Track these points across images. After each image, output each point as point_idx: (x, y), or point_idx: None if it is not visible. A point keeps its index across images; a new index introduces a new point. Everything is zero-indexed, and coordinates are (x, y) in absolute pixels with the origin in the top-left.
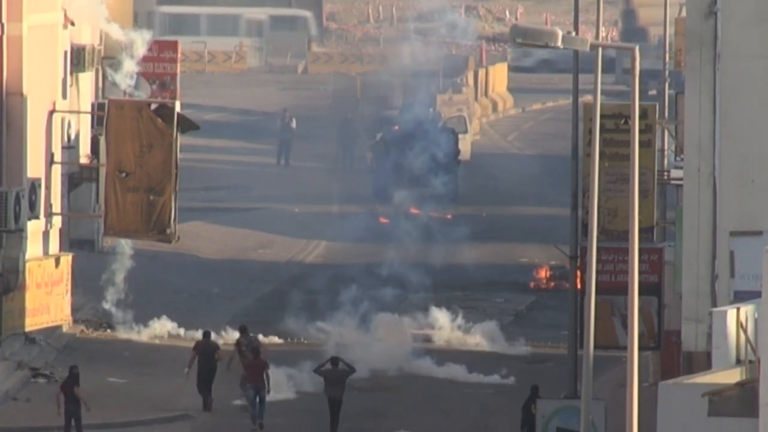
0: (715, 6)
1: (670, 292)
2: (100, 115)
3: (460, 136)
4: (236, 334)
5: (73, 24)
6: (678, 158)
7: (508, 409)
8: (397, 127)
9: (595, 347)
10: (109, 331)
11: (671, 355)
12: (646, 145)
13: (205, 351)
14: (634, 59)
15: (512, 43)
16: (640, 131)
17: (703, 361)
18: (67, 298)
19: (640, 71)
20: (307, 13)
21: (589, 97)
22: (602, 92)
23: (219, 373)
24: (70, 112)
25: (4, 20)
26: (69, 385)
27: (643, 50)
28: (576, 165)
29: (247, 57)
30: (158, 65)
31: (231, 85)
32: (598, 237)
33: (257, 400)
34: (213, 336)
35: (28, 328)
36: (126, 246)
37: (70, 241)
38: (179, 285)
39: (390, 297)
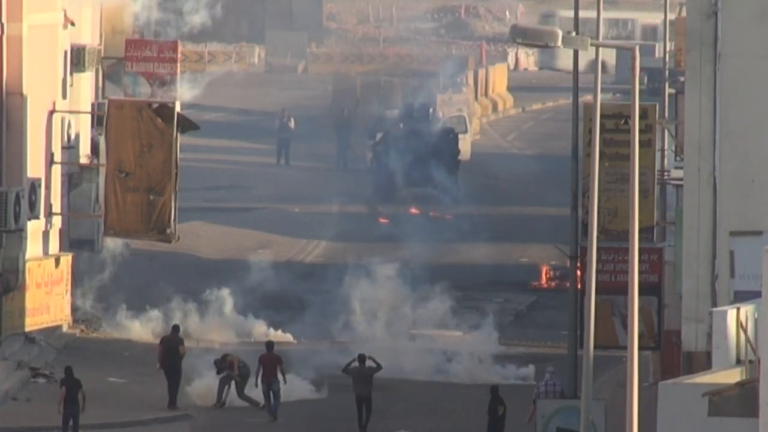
0: (715, 6)
1: (670, 292)
2: (100, 115)
3: (460, 136)
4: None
5: (73, 24)
6: (678, 158)
7: (509, 409)
8: (397, 127)
9: (595, 347)
10: (109, 330)
11: (671, 355)
12: (646, 145)
13: (170, 345)
14: (634, 59)
15: (513, 43)
16: (640, 131)
17: (703, 361)
18: (67, 298)
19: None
20: None
21: (589, 97)
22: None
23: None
24: (70, 112)
25: (4, 20)
26: (71, 386)
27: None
28: (576, 165)
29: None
30: (158, 65)
31: (231, 85)
32: (598, 237)
33: (270, 394)
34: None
35: (28, 328)
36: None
37: (70, 241)
38: (178, 285)
39: (390, 297)
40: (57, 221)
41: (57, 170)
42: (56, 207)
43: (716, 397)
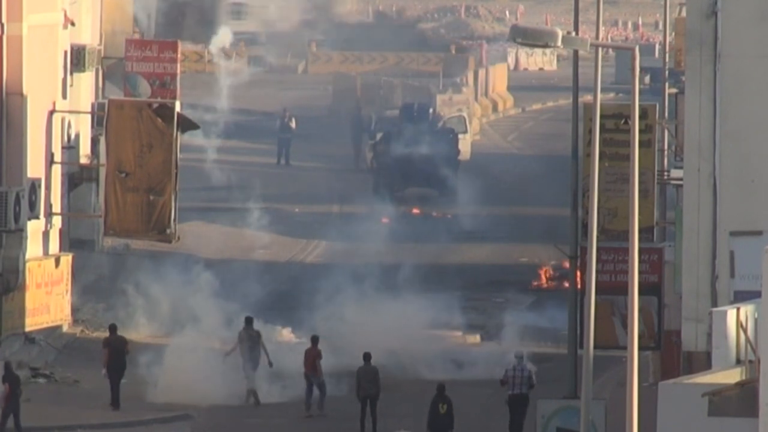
0: (715, 6)
1: (670, 292)
2: (100, 115)
3: (460, 136)
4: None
5: (73, 24)
6: (678, 158)
7: (505, 418)
8: (397, 127)
9: (595, 347)
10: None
11: (671, 355)
12: (646, 145)
13: (115, 346)
14: (634, 59)
15: (513, 43)
16: (640, 131)
17: (703, 361)
18: (67, 298)
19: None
20: None
21: (589, 97)
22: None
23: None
24: (70, 112)
25: (4, 20)
26: (12, 382)
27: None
28: (576, 165)
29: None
30: (158, 65)
31: (231, 84)
32: (598, 237)
33: (313, 388)
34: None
35: (28, 328)
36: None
37: (70, 241)
38: (178, 285)
39: (390, 297)
40: (57, 221)
41: (57, 170)
42: (56, 207)
43: (716, 397)
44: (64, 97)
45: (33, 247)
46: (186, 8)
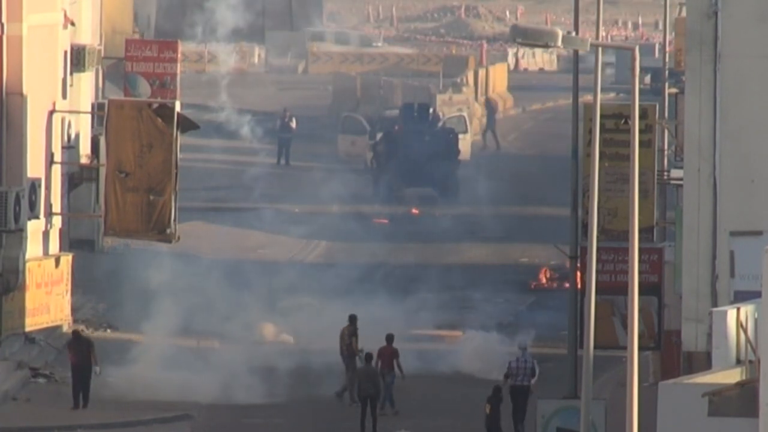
0: (715, 6)
1: (670, 292)
2: (100, 115)
3: (460, 136)
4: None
5: (73, 24)
6: (678, 158)
7: (508, 409)
8: (397, 127)
9: (595, 347)
10: (109, 331)
11: (671, 355)
12: (646, 145)
13: (78, 349)
14: (634, 59)
15: (513, 43)
16: (640, 131)
17: (703, 361)
18: (67, 298)
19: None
20: None
21: (589, 97)
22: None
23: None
24: (70, 112)
25: (4, 20)
26: None
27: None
28: (576, 165)
29: (247, 57)
30: (158, 65)
31: (231, 84)
32: (598, 237)
33: (391, 386)
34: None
35: (28, 328)
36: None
37: (70, 241)
38: (179, 285)
39: (390, 297)
40: (57, 221)
41: (57, 170)
42: (56, 207)
43: (716, 397)
44: (64, 97)
45: (33, 247)
46: (186, 8)
